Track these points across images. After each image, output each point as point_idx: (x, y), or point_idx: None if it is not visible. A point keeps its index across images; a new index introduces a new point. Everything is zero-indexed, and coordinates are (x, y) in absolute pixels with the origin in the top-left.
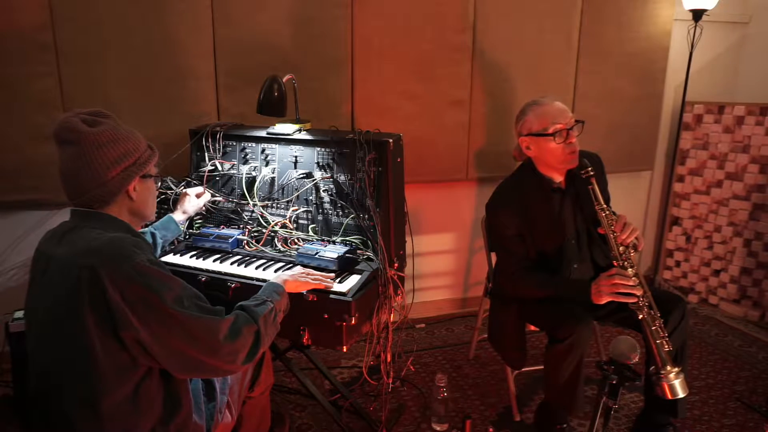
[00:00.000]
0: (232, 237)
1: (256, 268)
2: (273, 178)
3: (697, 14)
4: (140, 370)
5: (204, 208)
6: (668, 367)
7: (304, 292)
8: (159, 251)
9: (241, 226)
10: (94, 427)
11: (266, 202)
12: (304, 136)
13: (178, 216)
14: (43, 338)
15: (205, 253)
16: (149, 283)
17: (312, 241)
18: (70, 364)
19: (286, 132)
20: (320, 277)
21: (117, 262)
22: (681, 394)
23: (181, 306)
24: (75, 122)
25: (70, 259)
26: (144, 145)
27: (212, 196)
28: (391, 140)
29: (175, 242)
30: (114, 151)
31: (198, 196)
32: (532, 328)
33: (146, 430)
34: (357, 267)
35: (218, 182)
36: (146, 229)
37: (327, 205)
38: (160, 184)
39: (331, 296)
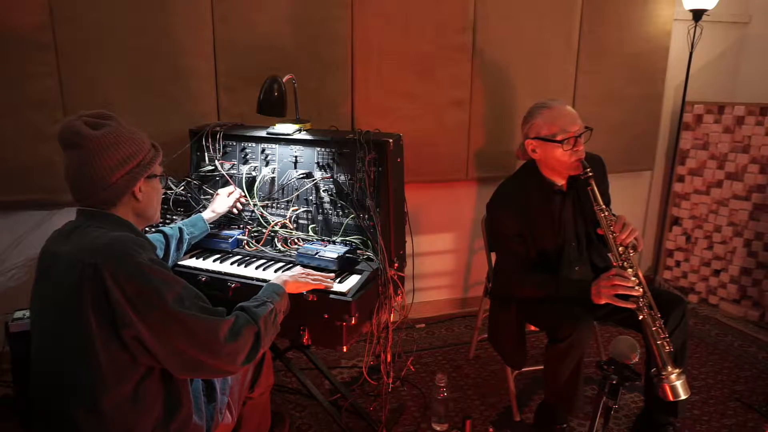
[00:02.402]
0: (232, 237)
1: (256, 268)
2: (273, 178)
3: (697, 14)
4: (140, 369)
5: (235, 207)
6: (669, 368)
7: (304, 292)
8: (186, 247)
9: (241, 226)
10: (95, 427)
11: (266, 202)
12: (304, 136)
13: (208, 214)
14: (45, 336)
15: (205, 253)
16: (151, 282)
17: (312, 241)
18: (70, 362)
19: (286, 132)
20: (320, 278)
21: (119, 260)
22: (683, 396)
23: (182, 306)
24: (78, 126)
25: (74, 257)
26: (148, 145)
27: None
28: (391, 140)
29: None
30: (118, 154)
31: (229, 195)
32: (532, 328)
33: (146, 431)
34: (357, 267)
35: (218, 182)
36: (175, 225)
37: (327, 205)
38: (165, 183)
39: (331, 296)
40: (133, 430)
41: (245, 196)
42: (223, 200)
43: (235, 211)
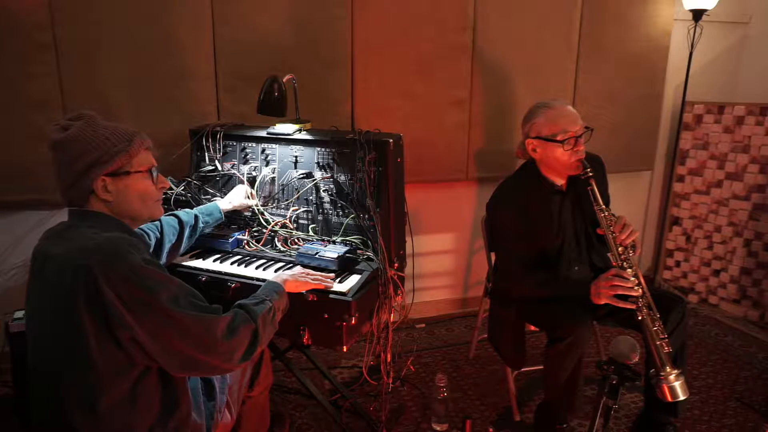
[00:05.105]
0: (232, 237)
1: (256, 268)
2: (273, 178)
3: (697, 14)
4: (137, 368)
5: (244, 210)
6: (668, 369)
7: (304, 291)
8: (198, 235)
9: (242, 225)
10: (93, 426)
11: (267, 202)
12: (304, 136)
13: (224, 204)
14: (40, 338)
15: (205, 253)
16: (144, 283)
17: (312, 241)
18: (67, 363)
19: (286, 132)
20: (320, 277)
21: (112, 261)
22: (681, 397)
23: (176, 305)
24: (52, 130)
25: (66, 259)
26: (113, 142)
27: (254, 203)
28: (391, 140)
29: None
30: (69, 151)
31: (247, 196)
32: (532, 328)
33: (145, 429)
34: (357, 267)
35: (218, 182)
36: (192, 210)
37: (327, 205)
38: (154, 177)
39: (331, 296)
40: (131, 428)
41: (254, 206)
42: (241, 195)
43: (248, 210)
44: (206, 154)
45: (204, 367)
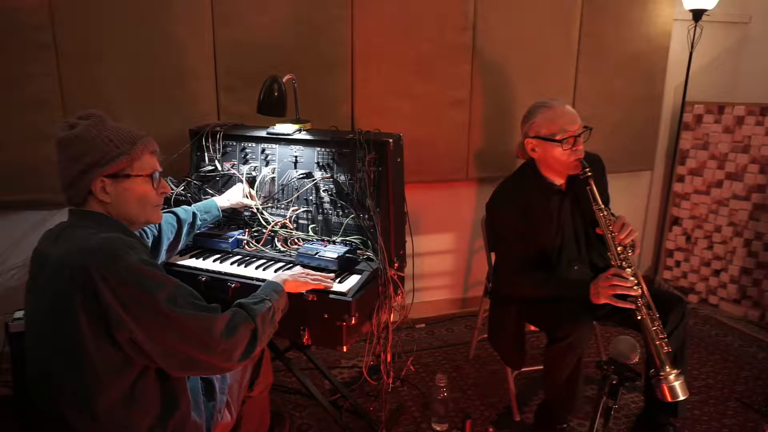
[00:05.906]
0: (232, 237)
1: (256, 268)
2: (273, 178)
3: (697, 14)
4: (135, 369)
5: (242, 209)
6: (667, 369)
7: (304, 291)
8: (195, 231)
9: (241, 225)
10: (91, 427)
11: (266, 202)
12: (304, 136)
13: (222, 202)
14: (39, 338)
15: (205, 253)
16: (142, 283)
17: (312, 241)
18: (65, 364)
19: (286, 132)
20: (320, 277)
21: (109, 262)
22: (681, 397)
23: (174, 305)
24: (59, 128)
25: (64, 259)
26: (115, 144)
27: (250, 204)
28: (391, 140)
29: None
30: (72, 150)
31: (244, 195)
32: (532, 328)
33: (144, 429)
34: (357, 267)
35: (218, 182)
36: (189, 207)
37: (327, 205)
38: (156, 182)
39: (331, 296)
40: (130, 429)
41: (253, 206)
42: (239, 194)
43: (246, 209)
44: (206, 154)
45: (203, 367)
